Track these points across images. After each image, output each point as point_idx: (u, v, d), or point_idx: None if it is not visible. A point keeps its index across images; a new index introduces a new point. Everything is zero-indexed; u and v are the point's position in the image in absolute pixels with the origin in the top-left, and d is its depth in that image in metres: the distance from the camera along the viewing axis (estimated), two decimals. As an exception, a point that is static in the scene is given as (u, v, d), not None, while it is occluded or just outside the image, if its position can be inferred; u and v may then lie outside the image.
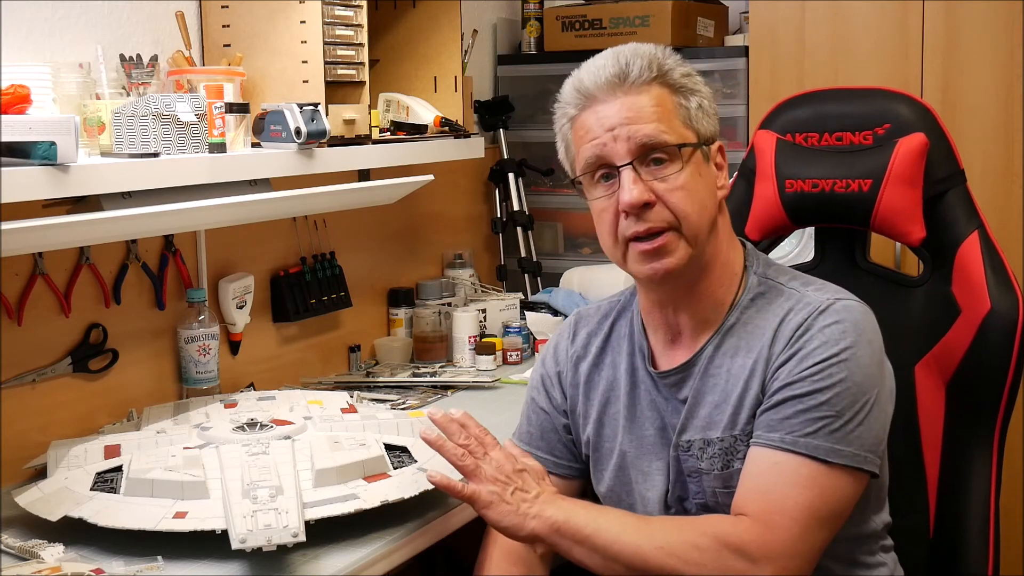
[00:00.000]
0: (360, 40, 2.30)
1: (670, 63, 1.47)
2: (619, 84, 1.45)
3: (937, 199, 1.76)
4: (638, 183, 1.43)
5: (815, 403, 1.40)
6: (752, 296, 1.51)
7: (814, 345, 1.42)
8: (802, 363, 1.42)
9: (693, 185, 1.45)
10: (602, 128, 1.45)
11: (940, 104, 2.37)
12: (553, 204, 3.29)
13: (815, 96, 1.91)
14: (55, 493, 1.62)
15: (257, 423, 1.82)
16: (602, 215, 1.49)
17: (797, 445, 1.39)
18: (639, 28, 3.03)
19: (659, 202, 1.43)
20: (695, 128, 1.47)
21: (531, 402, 1.70)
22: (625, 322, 1.63)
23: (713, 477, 1.48)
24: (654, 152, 1.43)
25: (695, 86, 1.49)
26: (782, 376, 1.43)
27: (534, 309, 2.90)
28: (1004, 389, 1.69)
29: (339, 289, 2.62)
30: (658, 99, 1.45)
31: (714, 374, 1.50)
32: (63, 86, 1.88)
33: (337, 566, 1.52)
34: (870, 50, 2.56)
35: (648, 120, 1.43)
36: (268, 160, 2.09)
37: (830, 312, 1.44)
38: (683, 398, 1.52)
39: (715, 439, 1.48)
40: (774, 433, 1.41)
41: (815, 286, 1.50)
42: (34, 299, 1.94)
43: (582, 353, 1.65)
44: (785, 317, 1.46)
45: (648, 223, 1.43)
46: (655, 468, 1.55)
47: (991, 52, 2.43)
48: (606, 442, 1.60)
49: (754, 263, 1.54)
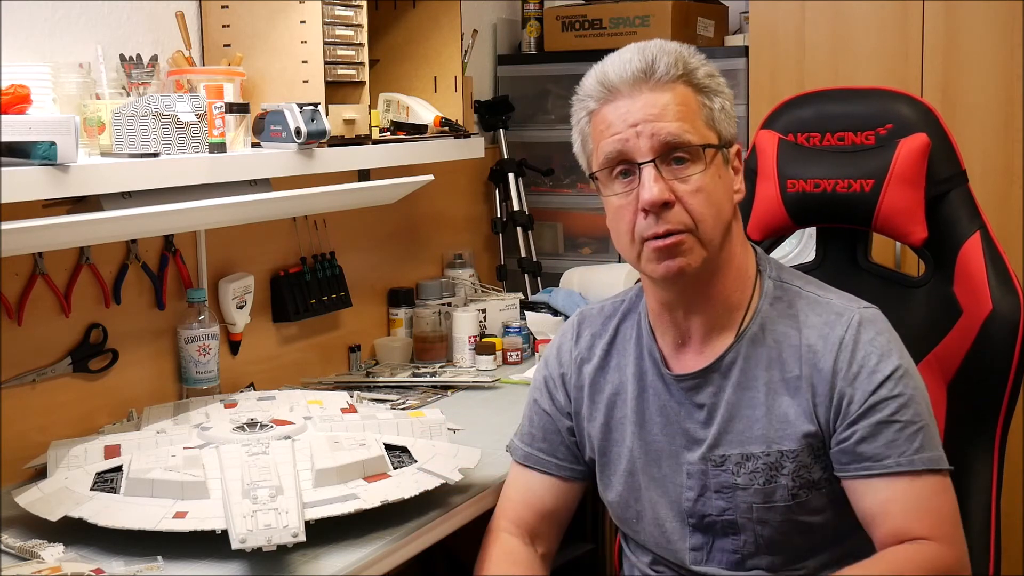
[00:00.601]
0: (360, 40, 2.30)
1: (695, 62, 1.46)
2: (644, 80, 1.43)
3: (939, 199, 1.76)
4: (659, 181, 1.40)
5: (905, 419, 1.41)
6: (770, 301, 1.50)
7: (874, 362, 1.43)
8: (871, 382, 1.42)
9: (712, 187, 1.43)
10: (624, 124, 1.42)
11: (940, 104, 2.37)
12: (553, 204, 3.29)
13: (817, 96, 1.91)
14: (55, 493, 1.62)
15: (257, 423, 1.82)
16: (619, 212, 1.46)
17: (914, 464, 1.41)
18: (639, 28, 3.03)
19: (678, 203, 1.41)
20: (717, 129, 1.45)
21: (534, 404, 1.68)
22: (631, 324, 1.61)
23: (753, 492, 1.47)
24: (676, 151, 1.42)
25: (719, 87, 1.47)
26: (858, 399, 1.42)
27: (534, 309, 2.90)
28: (1005, 390, 1.69)
29: (339, 289, 2.62)
30: (683, 98, 1.43)
31: (751, 387, 1.47)
32: (63, 86, 1.87)
33: (337, 566, 1.52)
34: (870, 50, 2.56)
35: (672, 118, 1.41)
36: (268, 160, 2.09)
37: (867, 324, 1.45)
38: (700, 403, 1.50)
39: (758, 454, 1.46)
40: (888, 459, 1.41)
41: (833, 293, 1.51)
42: (34, 299, 1.93)
43: (587, 355, 1.63)
44: (822, 331, 1.45)
45: (667, 224, 1.41)
46: (667, 475, 1.53)
47: (991, 52, 2.43)
48: (614, 446, 1.58)
49: (767, 267, 1.53)
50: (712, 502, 1.50)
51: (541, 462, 1.64)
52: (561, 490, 1.64)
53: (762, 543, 1.49)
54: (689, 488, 1.51)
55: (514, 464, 1.68)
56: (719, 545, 1.52)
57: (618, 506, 1.60)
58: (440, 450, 1.80)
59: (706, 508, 1.50)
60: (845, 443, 1.43)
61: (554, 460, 1.64)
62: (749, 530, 1.49)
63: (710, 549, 1.52)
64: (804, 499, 1.46)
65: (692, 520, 1.52)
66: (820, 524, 1.48)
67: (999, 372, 1.69)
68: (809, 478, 1.46)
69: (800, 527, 1.48)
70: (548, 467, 1.63)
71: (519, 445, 1.67)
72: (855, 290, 1.55)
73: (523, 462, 1.66)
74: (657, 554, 1.58)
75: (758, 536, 1.49)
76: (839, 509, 1.47)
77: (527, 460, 1.65)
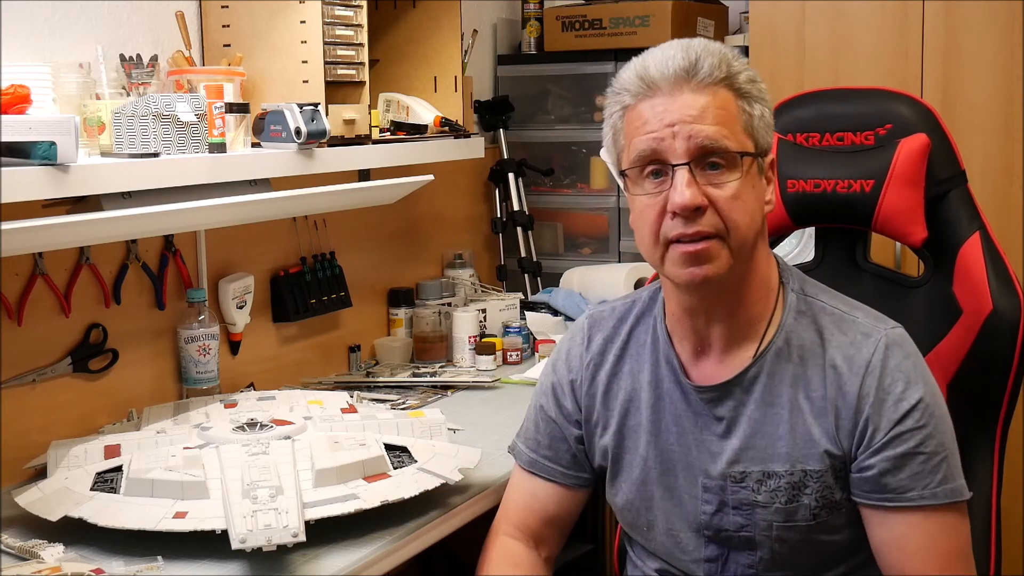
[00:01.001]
0: (360, 40, 2.30)
1: (738, 66, 1.40)
2: (686, 79, 1.37)
3: (938, 200, 1.76)
4: (692, 185, 1.35)
5: (929, 451, 1.39)
6: (794, 316, 1.46)
7: (900, 389, 1.40)
8: (896, 411, 1.39)
9: (746, 195, 1.38)
10: (661, 123, 1.37)
11: (940, 104, 2.37)
12: (553, 204, 3.29)
13: (817, 96, 1.91)
14: (55, 493, 1.62)
15: (257, 423, 1.82)
16: (645, 212, 1.40)
17: (936, 497, 1.39)
18: (639, 28, 3.03)
19: (710, 207, 1.36)
20: (755, 137, 1.40)
21: (540, 409, 1.63)
22: (645, 328, 1.56)
23: (774, 511, 1.44)
24: (712, 156, 1.37)
25: (760, 93, 1.42)
26: (883, 427, 1.40)
27: (534, 309, 2.90)
28: (1006, 390, 1.69)
29: (339, 289, 2.62)
30: (723, 102, 1.38)
31: (775, 403, 1.44)
32: (63, 86, 1.87)
33: (337, 566, 1.52)
34: (870, 50, 2.56)
35: (711, 122, 1.36)
36: (268, 160, 2.09)
37: (894, 347, 1.43)
38: (720, 416, 1.47)
39: (781, 472, 1.43)
40: (911, 492, 1.39)
41: (859, 310, 1.48)
42: (34, 299, 1.93)
43: (599, 360, 1.58)
44: (848, 351, 1.43)
45: (697, 226, 1.36)
46: (682, 486, 1.50)
47: (991, 52, 2.43)
48: (627, 454, 1.54)
49: (790, 279, 1.50)
50: (730, 517, 1.47)
51: (546, 469, 1.61)
52: (565, 497, 1.61)
53: (778, 559, 1.47)
54: (706, 502, 1.48)
55: (517, 468, 1.65)
56: (734, 558, 1.49)
57: (628, 513, 1.57)
58: (440, 450, 1.80)
59: (723, 523, 1.48)
60: (867, 472, 1.41)
61: (559, 468, 1.61)
62: (766, 547, 1.46)
63: (725, 561, 1.50)
64: (824, 519, 1.44)
65: (708, 532, 1.49)
66: (837, 541, 1.47)
67: (999, 372, 1.69)
68: (831, 498, 1.43)
69: (818, 545, 1.46)
70: (553, 475, 1.61)
71: (524, 450, 1.64)
72: (854, 290, 1.55)
73: (528, 468, 1.63)
74: (667, 562, 1.56)
75: (775, 553, 1.46)
76: (857, 527, 1.46)
77: (532, 467, 1.62)
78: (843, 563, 1.49)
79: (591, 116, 3.15)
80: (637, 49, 1.48)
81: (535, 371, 2.56)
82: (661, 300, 1.55)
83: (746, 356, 1.46)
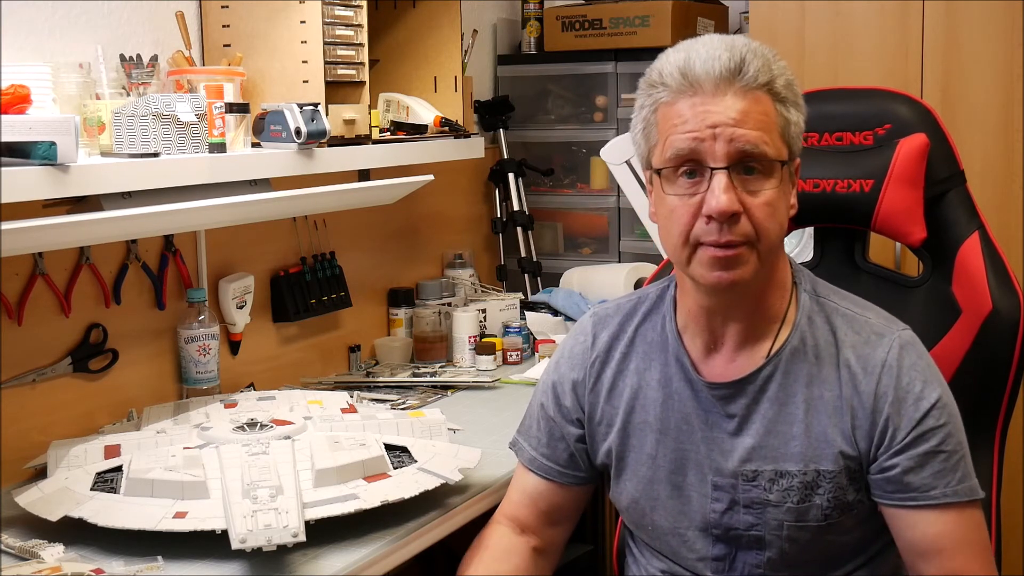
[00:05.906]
0: (360, 40, 2.30)
1: (777, 69, 1.39)
2: (731, 81, 1.35)
3: (937, 199, 1.76)
4: (730, 190, 1.33)
5: (950, 448, 1.40)
6: (808, 316, 1.46)
7: (918, 388, 1.40)
8: (917, 409, 1.40)
9: (778, 202, 1.37)
10: (702, 123, 1.34)
11: (940, 104, 2.37)
12: (553, 204, 3.29)
13: (816, 96, 1.90)
14: (55, 493, 1.62)
15: (257, 423, 1.82)
16: (675, 211, 1.38)
17: (959, 495, 1.40)
18: (639, 28, 3.03)
19: (744, 213, 1.35)
20: (789, 144, 1.39)
21: (540, 408, 1.62)
22: (653, 326, 1.55)
23: (786, 510, 1.44)
24: (751, 161, 1.35)
25: (796, 98, 1.41)
26: (904, 427, 1.39)
27: (534, 309, 2.90)
28: (1005, 390, 1.69)
29: (339, 289, 2.62)
30: (765, 107, 1.36)
31: (789, 403, 1.44)
32: (63, 86, 1.87)
33: (337, 566, 1.52)
34: (870, 50, 2.56)
35: (753, 127, 1.34)
36: (268, 160, 2.09)
37: (908, 347, 1.43)
38: (732, 413, 1.46)
39: (794, 471, 1.43)
40: (934, 490, 1.39)
41: (871, 311, 1.48)
42: (34, 299, 1.93)
43: (605, 358, 1.56)
44: (861, 351, 1.43)
45: (729, 235, 1.35)
46: (692, 484, 1.49)
47: (991, 52, 2.43)
48: (632, 452, 1.53)
49: (802, 279, 1.50)
50: (740, 516, 1.46)
51: (544, 468, 1.61)
52: (566, 494, 1.61)
53: (786, 559, 1.46)
54: (716, 500, 1.47)
55: (519, 464, 1.65)
56: (742, 557, 1.49)
57: (634, 512, 1.56)
58: (440, 450, 1.80)
59: (733, 522, 1.47)
60: (890, 472, 1.40)
61: (557, 467, 1.60)
62: (776, 547, 1.46)
63: (732, 560, 1.49)
64: (836, 520, 1.44)
65: (716, 531, 1.49)
66: (847, 542, 1.47)
67: (999, 372, 1.69)
68: (844, 499, 1.43)
69: (827, 545, 1.46)
70: (552, 474, 1.60)
71: (525, 447, 1.63)
72: (853, 290, 1.55)
73: (528, 466, 1.62)
74: (673, 561, 1.55)
75: (784, 553, 1.46)
76: (867, 528, 1.46)
77: (531, 464, 1.62)
78: (850, 563, 1.49)
79: (591, 116, 3.15)
80: (637, 49, 1.47)
81: (535, 371, 2.56)
82: (670, 298, 1.54)
83: (759, 355, 1.46)
